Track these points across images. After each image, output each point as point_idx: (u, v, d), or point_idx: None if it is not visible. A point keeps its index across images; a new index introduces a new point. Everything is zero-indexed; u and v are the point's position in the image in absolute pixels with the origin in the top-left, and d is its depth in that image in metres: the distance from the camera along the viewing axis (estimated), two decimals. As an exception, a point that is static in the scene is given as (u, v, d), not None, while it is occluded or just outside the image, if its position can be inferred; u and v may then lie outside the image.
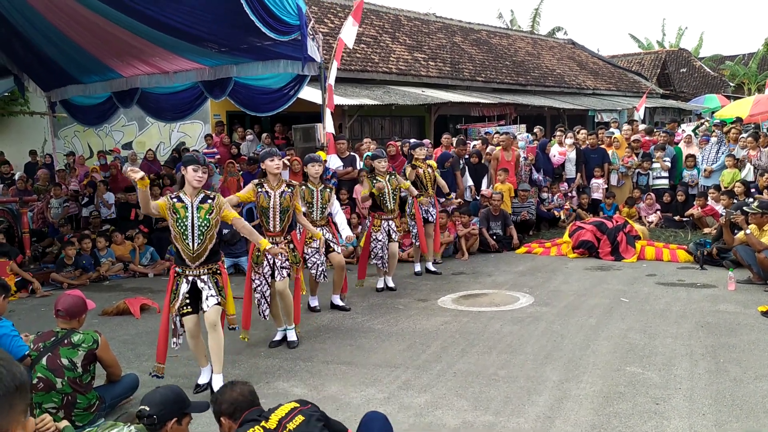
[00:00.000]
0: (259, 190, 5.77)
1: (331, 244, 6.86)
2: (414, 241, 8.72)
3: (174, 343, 4.96)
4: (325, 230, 6.81)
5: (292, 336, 5.94)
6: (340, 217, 6.98)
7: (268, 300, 5.86)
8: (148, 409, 3.18)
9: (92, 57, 10.87)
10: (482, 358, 5.38)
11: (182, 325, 4.91)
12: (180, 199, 4.84)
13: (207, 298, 4.81)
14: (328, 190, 6.85)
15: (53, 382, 4.12)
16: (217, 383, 4.67)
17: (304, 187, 6.68)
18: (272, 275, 5.77)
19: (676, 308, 6.70)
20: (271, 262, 5.70)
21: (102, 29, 9.79)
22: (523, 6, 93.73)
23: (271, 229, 5.80)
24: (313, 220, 6.68)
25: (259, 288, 5.82)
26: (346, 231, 6.88)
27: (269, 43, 8.98)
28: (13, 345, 4.32)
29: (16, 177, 13.05)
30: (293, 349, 5.83)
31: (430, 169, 8.63)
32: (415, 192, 8.40)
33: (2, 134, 17.84)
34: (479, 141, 13.44)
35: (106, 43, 10.33)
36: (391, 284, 8.06)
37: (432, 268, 8.92)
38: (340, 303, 7.19)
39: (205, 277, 4.85)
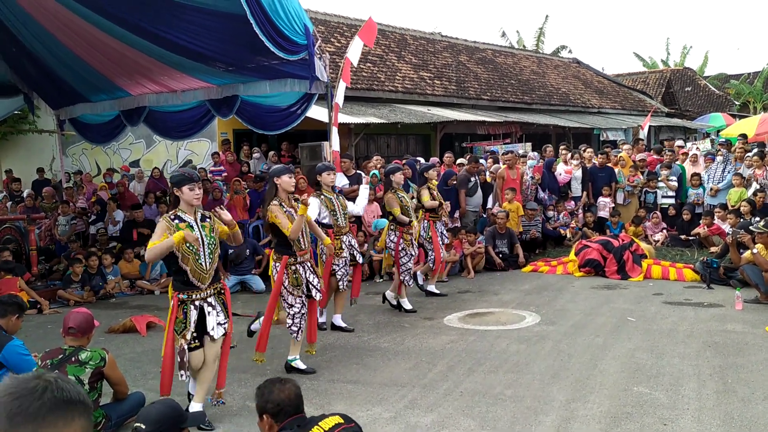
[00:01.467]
0: (286, 210, 5.59)
1: (356, 254, 6.98)
2: (428, 261, 8.59)
3: (182, 375, 4.58)
4: (349, 237, 6.95)
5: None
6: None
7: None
8: (143, 426, 3.12)
9: (101, 76, 10.98)
10: (489, 377, 5.37)
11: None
12: (181, 219, 4.64)
13: (214, 328, 4.61)
14: (341, 196, 7.05)
15: (60, 400, 4.12)
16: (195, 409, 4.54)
17: (322, 196, 6.70)
18: (309, 294, 5.70)
19: (684, 328, 6.67)
20: (307, 280, 5.65)
21: (111, 48, 9.91)
22: (528, 25, 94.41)
23: (303, 248, 5.66)
24: (340, 227, 6.78)
25: (300, 310, 5.60)
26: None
27: (276, 62, 9.06)
28: (24, 364, 4.34)
29: (25, 194, 13.14)
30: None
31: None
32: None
33: (11, 152, 17.99)
34: (490, 159, 13.49)
35: (114, 62, 10.45)
36: (407, 306, 7.96)
37: (436, 291, 8.80)
38: (342, 324, 7.11)
39: (211, 299, 4.65)
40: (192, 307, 4.57)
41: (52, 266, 11.13)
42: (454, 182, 10.85)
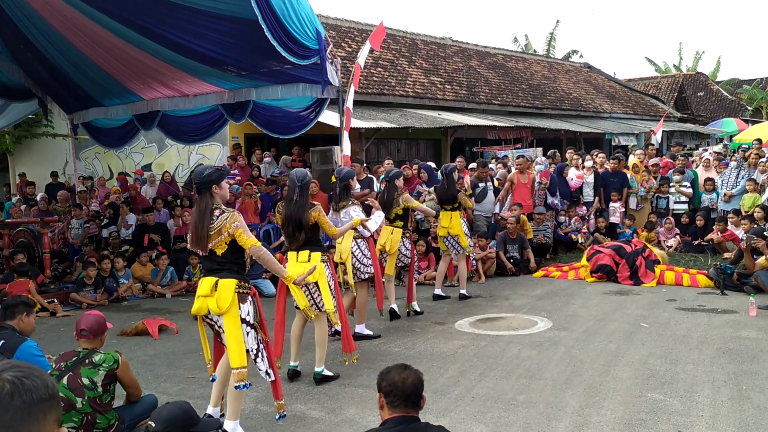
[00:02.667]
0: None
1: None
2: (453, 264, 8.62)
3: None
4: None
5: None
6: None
7: None
8: (154, 425, 3.13)
9: (114, 80, 11.06)
10: (501, 382, 5.34)
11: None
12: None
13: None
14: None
15: (73, 402, 4.15)
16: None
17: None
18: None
19: (697, 334, 6.62)
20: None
21: (124, 52, 9.98)
22: (538, 30, 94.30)
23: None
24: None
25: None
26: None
27: (288, 66, 9.09)
28: (38, 365, 4.35)
29: (38, 198, 13.24)
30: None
31: None
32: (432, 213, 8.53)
33: (25, 156, 18.13)
34: (499, 164, 13.46)
35: (128, 67, 10.52)
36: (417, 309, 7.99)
37: (442, 294, 8.81)
38: (367, 332, 7.00)
39: None
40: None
41: (65, 269, 11.20)
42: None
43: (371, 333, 6.99)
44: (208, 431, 3.36)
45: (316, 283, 5.39)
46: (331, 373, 5.62)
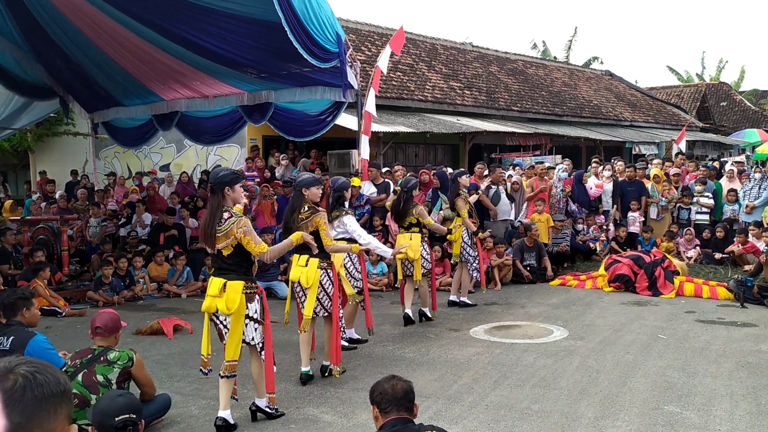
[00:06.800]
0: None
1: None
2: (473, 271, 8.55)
3: None
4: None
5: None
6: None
7: None
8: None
9: (135, 80, 11.16)
10: (515, 391, 5.29)
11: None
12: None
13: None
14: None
15: (88, 399, 4.16)
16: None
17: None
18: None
19: (716, 347, 6.52)
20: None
21: (146, 53, 10.06)
22: (558, 37, 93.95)
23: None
24: None
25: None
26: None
27: (308, 69, 9.11)
28: (49, 359, 4.37)
29: (57, 196, 13.38)
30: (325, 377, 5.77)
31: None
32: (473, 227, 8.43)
33: (46, 154, 18.34)
34: (517, 168, 13.38)
35: (149, 67, 10.61)
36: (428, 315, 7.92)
37: (469, 302, 8.73)
38: (356, 336, 6.97)
39: None
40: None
41: (84, 267, 11.30)
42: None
43: (359, 337, 6.94)
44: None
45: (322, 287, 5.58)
46: (332, 366, 5.75)
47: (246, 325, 4.63)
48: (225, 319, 4.60)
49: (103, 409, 3.09)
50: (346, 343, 6.42)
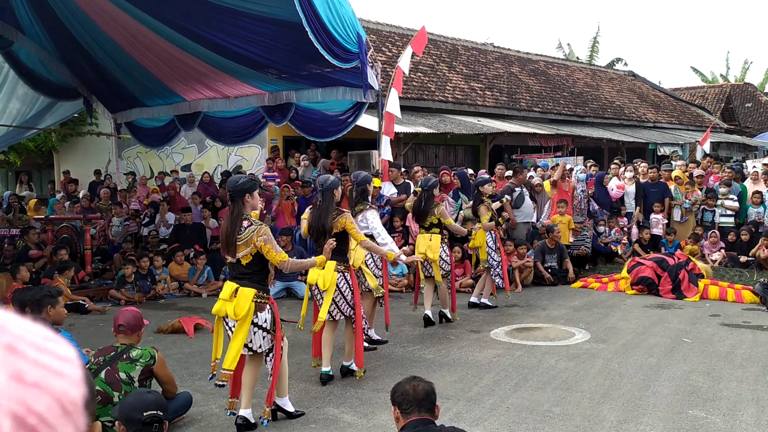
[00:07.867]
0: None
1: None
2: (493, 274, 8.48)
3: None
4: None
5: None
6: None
7: None
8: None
9: (158, 81, 11.26)
10: (536, 393, 5.24)
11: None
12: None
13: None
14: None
15: (110, 396, 4.18)
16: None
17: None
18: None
19: (742, 351, 6.41)
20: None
21: (169, 54, 10.15)
22: (581, 37, 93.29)
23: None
24: None
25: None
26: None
27: (329, 70, 9.13)
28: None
29: (81, 195, 13.53)
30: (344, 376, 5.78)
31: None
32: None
33: (69, 153, 18.57)
34: (539, 170, 13.28)
35: (171, 68, 10.70)
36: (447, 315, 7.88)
37: (490, 303, 8.69)
38: (376, 336, 6.92)
39: None
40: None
41: (106, 266, 11.41)
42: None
43: (380, 338, 6.92)
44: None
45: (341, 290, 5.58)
46: (356, 368, 5.70)
47: (254, 333, 4.57)
48: (233, 325, 4.55)
49: (132, 403, 3.13)
50: (367, 344, 6.41)
